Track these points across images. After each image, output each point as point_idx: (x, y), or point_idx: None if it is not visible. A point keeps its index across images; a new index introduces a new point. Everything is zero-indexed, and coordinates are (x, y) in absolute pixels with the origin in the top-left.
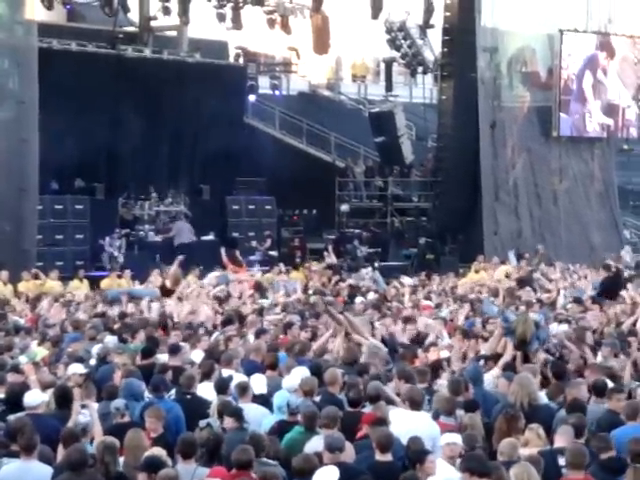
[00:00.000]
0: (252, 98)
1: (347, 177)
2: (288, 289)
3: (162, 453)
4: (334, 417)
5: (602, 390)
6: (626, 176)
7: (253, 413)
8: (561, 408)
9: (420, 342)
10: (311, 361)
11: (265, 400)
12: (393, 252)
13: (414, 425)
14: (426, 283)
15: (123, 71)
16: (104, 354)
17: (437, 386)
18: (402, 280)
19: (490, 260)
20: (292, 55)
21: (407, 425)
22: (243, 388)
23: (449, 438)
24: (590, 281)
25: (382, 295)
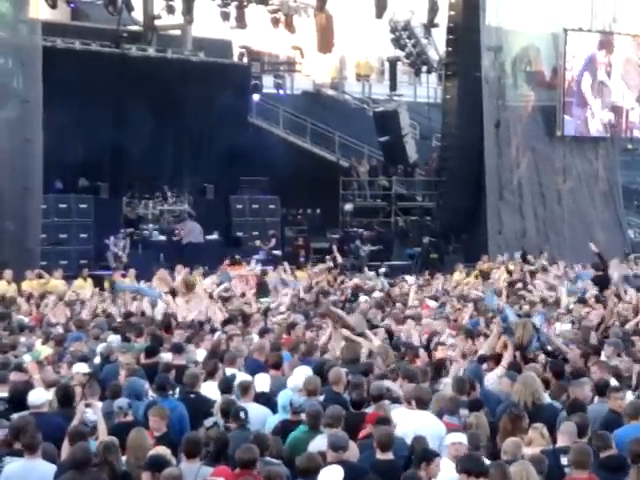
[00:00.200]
0: (256, 97)
1: (351, 176)
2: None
3: (166, 452)
4: (338, 416)
5: (604, 389)
6: (630, 176)
7: (254, 412)
8: (565, 407)
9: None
10: (314, 361)
11: (267, 399)
12: (397, 251)
13: (421, 424)
14: (430, 282)
15: (127, 70)
16: (108, 353)
17: (442, 385)
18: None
19: (494, 259)
20: (296, 54)
21: (414, 424)
22: (245, 387)
23: (454, 437)
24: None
25: (386, 294)
